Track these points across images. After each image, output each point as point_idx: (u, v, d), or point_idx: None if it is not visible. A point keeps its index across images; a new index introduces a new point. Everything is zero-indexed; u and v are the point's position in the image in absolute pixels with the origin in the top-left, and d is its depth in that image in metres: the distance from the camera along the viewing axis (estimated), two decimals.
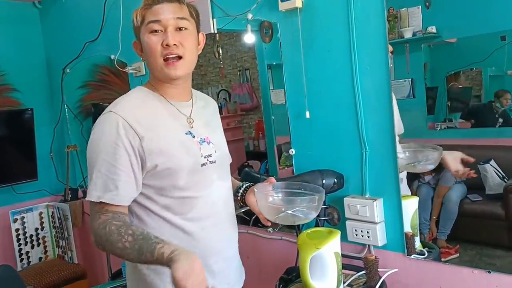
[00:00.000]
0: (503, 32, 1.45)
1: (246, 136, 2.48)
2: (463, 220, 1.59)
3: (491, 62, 1.53)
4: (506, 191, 1.51)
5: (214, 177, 1.19)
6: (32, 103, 3.07)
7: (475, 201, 1.59)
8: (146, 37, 1.12)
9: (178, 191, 1.12)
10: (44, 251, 3.07)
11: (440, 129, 1.64)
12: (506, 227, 1.51)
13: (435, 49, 1.62)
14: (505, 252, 1.47)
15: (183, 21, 1.12)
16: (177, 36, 1.11)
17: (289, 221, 1.19)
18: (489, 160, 1.54)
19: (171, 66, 1.11)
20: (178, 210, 1.13)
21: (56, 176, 3.24)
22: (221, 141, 1.27)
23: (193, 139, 1.16)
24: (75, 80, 3.09)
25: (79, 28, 2.81)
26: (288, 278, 1.55)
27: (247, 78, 2.43)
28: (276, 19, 1.74)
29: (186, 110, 1.20)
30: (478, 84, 1.61)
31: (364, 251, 1.61)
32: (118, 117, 1.08)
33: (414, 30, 1.55)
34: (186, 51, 1.12)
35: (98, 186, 1.07)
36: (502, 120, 1.55)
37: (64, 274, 2.85)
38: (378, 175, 1.55)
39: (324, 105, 1.65)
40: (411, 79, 1.61)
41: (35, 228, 3.04)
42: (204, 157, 1.16)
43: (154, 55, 1.12)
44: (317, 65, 1.65)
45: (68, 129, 3.16)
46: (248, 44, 2.12)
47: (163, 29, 1.11)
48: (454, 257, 1.53)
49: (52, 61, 3.21)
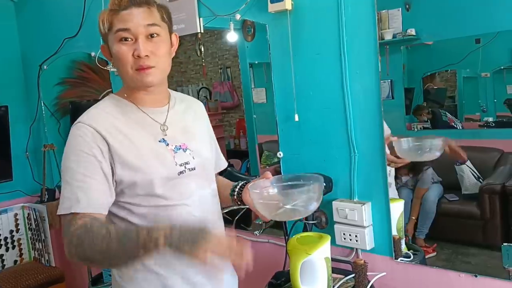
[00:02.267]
0: (478, 35, 1.48)
1: (227, 135, 2.46)
2: (440, 220, 1.63)
3: (465, 64, 1.56)
4: (481, 191, 1.55)
5: (192, 185, 1.14)
6: (6, 100, 2.94)
7: (452, 201, 1.62)
8: (115, 46, 1.06)
9: (154, 200, 1.08)
10: (20, 254, 2.97)
11: (417, 129, 1.67)
12: (481, 226, 1.55)
13: (413, 51, 1.65)
14: (480, 250, 1.51)
15: (154, 27, 1.06)
16: (149, 46, 1.05)
17: (290, 216, 1.13)
18: (465, 161, 1.57)
19: (143, 73, 1.06)
20: (155, 219, 1.07)
21: (32, 176, 3.13)
22: (201, 148, 1.20)
23: (166, 147, 1.11)
24: (52, 77, 2.98)
25: (57, 24, 2.71)
26: (277, 283, 1.53)
27: (228, 76, 2.42)
28: (265, 21, 1.71)
29: (160, 117, 1.15)
30: (452, 86, 1.65)
31: (352, 254, 1.62)
32: (86, 126, 1.04)
33: (394, 32, 1.56)
34: (159, 59, 1.07)
35: (67, 198, 1.01)
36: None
37: (40, 278, 2.76)
38: (366, 179, 1.56)
39: (313, 109, 1.64)
40: (390, 80, 1.63)
41: (9, 230, 2.93)
42: (180, 165, 1.11)
43: (125, 65, 1.06)
44: (307, 68, 1.63)
45: (44, 128, 3.05)
46: (230, 42, 2.09)
47: (133, 38, 1.05)
48: (432, 256, 1.56)
49: (28, 57, 3.09)
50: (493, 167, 1.56)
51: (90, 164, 1.02)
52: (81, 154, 1.02)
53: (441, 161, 1.53)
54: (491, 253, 1.48)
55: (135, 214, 1.08)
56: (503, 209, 1.50)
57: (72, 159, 1.03)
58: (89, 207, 1.01)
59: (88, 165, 1.02)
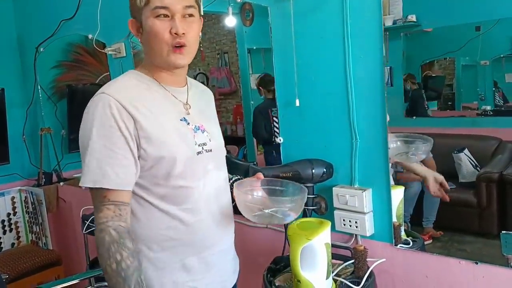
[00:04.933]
0: (478, 22, 1.47)
1: (224, 121, 2.44)
2: (438, 208, 1.62)
3: (465, 52, 1.56)
4: (478, 180, 1.55)
5: (210, 167, 1.16)
6: (2, 83, 2.93)
7: (450, 189, 1.60)
8: (150, 21, 1.06)
9: (173, 179, 1.08)
10: (17, 236, 2.99)
11: (416, 117, 1.66)
12: (477, 214, 1.55)
13: (412, 38, 1.63)
14: (475, 238, 1.51)
15: (190, 9, 1.08)
16: (184, 25, 1.06)
17: (267, 220, 1.15)
18: (463, 149, 1.57)
19: (179, 54, 1.08)
20: (174, 200, 1.10)
21: (29, 159, 3.14)
22: (215, 131, 1.23)
23: (187, 126, 1.13)
24: (49, 59, 2.97)
25: (54, 5, 2.68)
26: (276, 268, 1.54)
27: (226, 62, 2.40)
28: (266, 3, 1.68)
29: (182, 97, 1.16)
30: (450, 74, 1.64)
31: (351, 240, 1.62)
32: (111, 98, 1.03)
33: (395, 18, 1.53)
34: (192, 39, 1.09)
35: (92, 171, 1.01)
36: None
37: (38, 261, 2.78)
38: (368, 166, 1.55)
39: (315, 94, 1.62)
40: (390, 67, 1.60)
41: (7, 213, 2.95)
42: (199, 145, 1.13)
43: (160, 42, 1.07)
44: (309, 52, 1.61)
45: (41, 111, 3.04)
46: (227, 27, 2.07)
47: (170, 15, 1.06)
48: (428, 243, 1.56)
49: (24, 39, 3.06)
50: (490, 156, 1.56)
51: (117, 138, 1.02)
52: (106, 127, 1.01)
53: (434, 148, 1.53)
54: (486, 241, 1.48)
55: (154, 194, 1.09)
56: (500, 197, 1.51)
57: (97, 132, 1.01)
58: (117, 184, 1.02)
59: (116, 140, 1.02)
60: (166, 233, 1.10)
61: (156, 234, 1.10)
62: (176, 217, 1.10)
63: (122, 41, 2.26)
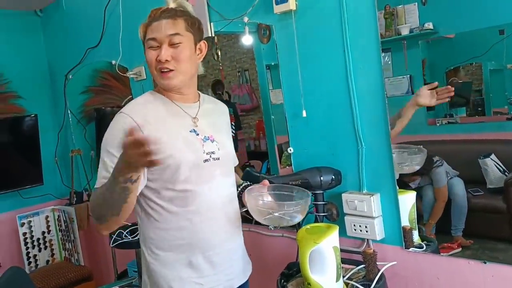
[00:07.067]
0: (502, 26, 1.44)
1: (246, 137, 2.49)
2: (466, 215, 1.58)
3: (490, 56, 1.52)
4: (507, 185, 1.50)
5: (216, 173, 1.28)
6: (36, 109, 3.12)
7: (476, 195, 1.58)
8: (146, 52, 1.25)
9: (180, 184, 1.21)
10: (51, 254, 3.12)
11: (441, 124, 1.65)
12: (508, 220, 1.51)
13: (434, 45, 1.63)
14: (508, 245, 1.47)
15: (176, 37, 1.22)
16: (170, 52, 1.21)
17: (276, 222, 1.27)
18: (490, 154, 1.53)
19: (165, 76, 1.23)
20: (181, 202, 1.22)
21: (61, 180, 3.29)
22: (226, 141, 1.36)
23: (197, 137, 1.26)
24: (77, 85, 3.13)
25: (80, 35, 2.86)
26: (289, 273, 1.58)
27: (247, 79, 2.45)
28: (271, 22, 1.78)
29: (191, 111, 1.31)
30: (478, 79, 1.60)
31: (363, 245, 1.65)
32: (125, 115, 1.19)
33: (411, 26, 1.57)
34: (179, 64, 1.23)
35: (104, 178, 1.14)
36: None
37: (71, 276, 2.90)
38: (374, 171, 1.59)
39: (320, 104, 1.69)
40: (409, 76, 1.63)
41: (42, 232, 3.10)
42: (207, 154, 1.26)
43: (151, 68, 1.25)
44: (312, 65, 1.69)
45: (71, 134, 3.20)
46: (246, 45, 2.15)
47: (159, 45, 1.22)
48: (456, 251, 1.54)
49: (54, 67, 3.26)
50: None
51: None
52: (117, 139, 1.15)
53: (459, 154, 1.53)
54: None
55: (163, 197, 1.22)
56: None
57: (110, 143, 1.18)
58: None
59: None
60: (175, 234, 1.23)
61: (167, 234, 1.23)
62: (184, 218, 1.22)
63: (142, 65, 2.41)
